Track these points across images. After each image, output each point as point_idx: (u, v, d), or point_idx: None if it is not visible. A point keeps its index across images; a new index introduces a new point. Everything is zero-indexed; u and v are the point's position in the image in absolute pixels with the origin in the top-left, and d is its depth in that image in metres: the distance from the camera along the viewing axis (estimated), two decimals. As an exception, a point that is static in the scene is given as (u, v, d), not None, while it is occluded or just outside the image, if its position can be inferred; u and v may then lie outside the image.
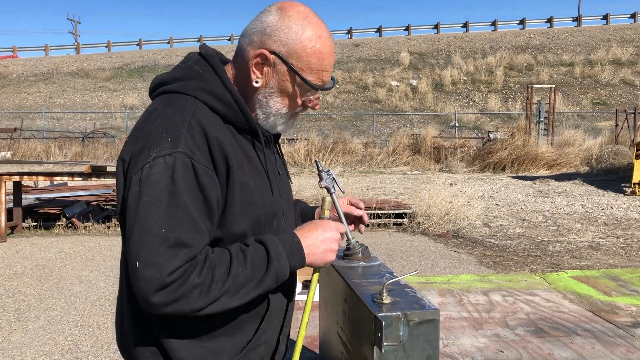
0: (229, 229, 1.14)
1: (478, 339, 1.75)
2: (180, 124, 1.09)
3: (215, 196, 1.09)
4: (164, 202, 1.03)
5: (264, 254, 1.11)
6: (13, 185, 7.83)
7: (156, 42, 38.88)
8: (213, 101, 1.16)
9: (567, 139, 17.96)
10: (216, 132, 1.12)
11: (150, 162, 1.05)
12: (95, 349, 3.71)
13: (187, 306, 1.02)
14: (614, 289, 2.29)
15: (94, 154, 19.28)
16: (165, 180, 1.04)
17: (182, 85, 1.18)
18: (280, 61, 1.16)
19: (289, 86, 1.19)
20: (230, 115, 1.17)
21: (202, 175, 1.07)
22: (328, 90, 1.20)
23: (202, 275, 1.02)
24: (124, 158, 1.13)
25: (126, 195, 1.08)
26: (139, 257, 1.01)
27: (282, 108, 1.22)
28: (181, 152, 1.06)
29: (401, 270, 5.56)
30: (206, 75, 1.18)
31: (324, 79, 1.20)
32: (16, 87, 29.74)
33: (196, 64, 1.21)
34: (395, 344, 1.06)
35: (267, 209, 1.21)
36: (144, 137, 1.10)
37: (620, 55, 29.50)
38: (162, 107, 1.15)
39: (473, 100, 26.98)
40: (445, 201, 8.40)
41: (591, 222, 8.23)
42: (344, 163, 17.28)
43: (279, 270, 1.12)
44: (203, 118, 1.12)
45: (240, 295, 1.08)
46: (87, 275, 5.54)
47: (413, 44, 33.68)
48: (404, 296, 1.16)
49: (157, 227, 1.02)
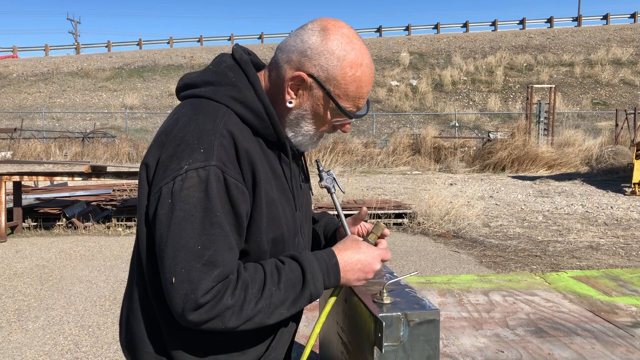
0: (254, 244, 1.12)
1: (478, 339, 1.75)
2: (212, 133, 1.05)
3: (245, 210, 1.07)
4: (198, 218, 1.01)
5: (300, 274, 1.08)
6: (13, 185, 7.83)
7: (156, 42, 38.90)
8: (245, 111, 1.12)
9: (567, 139, 17.96)
10: (245, 144, 1.08)
11: (182, 175, 1.02)
12: (95, 349, 3.71)
13: (219, 324, 1.02)
14: (614, 289, 2.29)
15: (94, 154, 19.28)
16: (199, 195, 1.02)
17: (214, 91, 1.13)
18: (317, 85, 1.13)
19: (322, 110, 1.16)
20: (261, 127, 1.14)
21: (234, 189, 1.04)
22: (360, 118, 1.19)
23: (234, 295, 1.01)
24: (148, 164, 1.10)
25: (155, 205, 1.05)
26: (175, 273, 1.00)
27: (311, 130, 1.19)
28: (215, 165, 1.03)
29: (401, 270, 5.56)
30: (240, 84, 1.14)
31: (359, 105, 1.17)
32: (16, 87, 29.74)
33: (230, 69, 1.16)
34: (395, 344, 1.06)
35: (290, 226, 1.18)
36: (173, 144, 1.06)
37: (620, 55, 29.50)
38: (192, 112, 1.10)
39: (473, 100, 26.98)
40: (445, 201, 8.40)
41: (591, 222, 8.24)
42: (344, 163, 17.29)
43: (313, 291, 1.09)
44: (234, 128, 1.08)
45: (275, 316, 1.06)
46: (87, 275, 5.54)
47: (413, 44, 33.69)
48: (404, 296, 1.16)
49: (193, 244, 1.00)
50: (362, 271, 1.15)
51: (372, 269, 1.16)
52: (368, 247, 1.18)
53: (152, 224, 1.07)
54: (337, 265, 1.13)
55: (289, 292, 1.06)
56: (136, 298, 1.18)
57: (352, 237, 1.21)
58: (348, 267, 1.14)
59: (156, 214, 1.04)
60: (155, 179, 1.07)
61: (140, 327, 1.16)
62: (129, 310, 1.21)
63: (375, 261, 1.16)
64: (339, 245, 1.17)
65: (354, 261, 1.14)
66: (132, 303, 1.19)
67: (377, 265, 1.17)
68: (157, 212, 1.04)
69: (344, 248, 1.16)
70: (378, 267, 1.18)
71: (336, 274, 1.12)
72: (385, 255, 1.19)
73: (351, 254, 1.15)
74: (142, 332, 1.16)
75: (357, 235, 1.35)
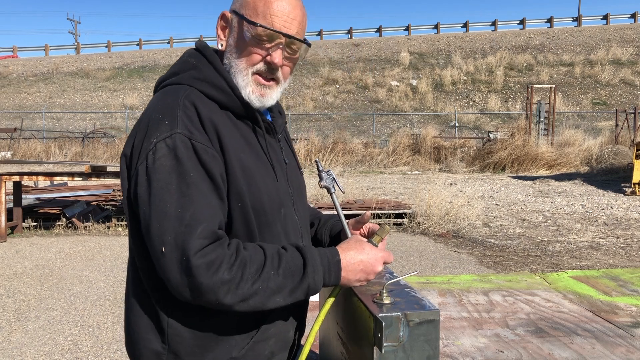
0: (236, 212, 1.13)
1: (478, 339, 1.75)
2: (175, 106, 1.11)
3: (218, 172, 1.09)
4: (175, 184, 1.04)
5: (301, 264, 1.08)
6: (13, 185, 7.83)
7: (156, 42, 38.92)
8: (208, 88, 1.17)
9: (567, 139, 17.96)
10: (209, 114, 1.13)
11: (152, 149, 1.06)
12: (95, 349, 3.71)
13: (214, 298, 1.02)
14: (614, 289, 2.29)
15: (94, 154, 19.28)
16: (171, 162, 1.05)
17: (178, 78, 1.20)
18: (235, 15, 1.20)
19: (242, 37, 1.18)
20: (227, 100, 1.18)
21: (203, 153, 1.08)
22: (288, 38, 1.16)
23: (232, 271, 1.01)
24: (126, 154, 1.13)
25: (135, 186, 1.08)
26: (163, 242, 1.01)
27: (241, 65, 1.19)
28: (180, 132, 1.07)
29: (401, 270, 5.56)
30: (200, 65, 1.20)
31: (274, 23, 1.15)
32: (16, 87, 29.74)
33: (190, 56, 1.23)
34: (395, 344, 1.06)
35: (272, 195, 1.18)
36: (143, 127, 1.11)
37: (620, 55, 29.50)
38: (157, 98, 1.17)
39: (473, 100, 26.98)
40: (445, 201, 8.40)
41: (591, 222, 8.23)
42: (344, 163, 17.28)
43: (312, 285, 1.09)
44: (197, 100, 1.13)
45: (271, 302, 1.06)
46: (87, 275, 5.54)
47: (413, 44, 33.68)
48: (404, 296, 1.16)
49: (174, 209, 1.02)
50: (364, 272, 1.15)
51: (373, 271, 1.16)
52: (371, 249, 1.17)
53: (135, 205, 1.09)
54: (339, 263, 1.13)
55: (287, 280, 1.06)
56: (132, 293, 1.19)
57: (356, 238, 1.21)
58: (350, 266, 1.14)
59: (137, 194, 1.07)
60: (132, 163, 1.11)
61: (137, 321, 1.17)
62: (127, 307, 1.22)
63: (377, 263, 1.16)
64: (343, 245, 1.17)
65: (357, 261, 1.14)
66: (129, 299, 1.21)
67: (379, 267, 1.17)
68: (138, 191, 1.07)
69: (347, 248, 1.16)
70: (380, 269, 1.17)
71: (337, 272, 1.12)
72: (387, 258, 1.19)
73: (354, 254, 1.15)
74: (140, 327, 1.17)
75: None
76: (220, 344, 1.15)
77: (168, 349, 1.14)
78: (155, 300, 1.14)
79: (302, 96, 27.42)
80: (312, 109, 26.21)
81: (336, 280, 1.13)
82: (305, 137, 19.28)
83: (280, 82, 1.23)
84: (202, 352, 1.14)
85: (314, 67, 30.48)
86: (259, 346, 1.19)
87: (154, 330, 1.15)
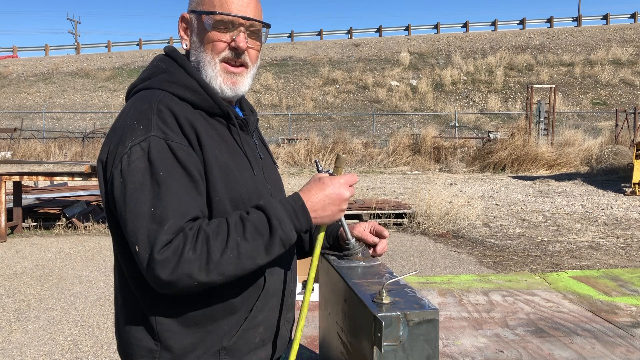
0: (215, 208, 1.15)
1: (478, 339, 1.75)
2: (149, 111, 1.13)
3: (196, 168, 1.11)
4: (148, 185, 1.06)
5: (265, 221, 1.09)
6: (13, 185, 7.83)
7: (156, 42, 38.88)
8: (180, 90, 1.19)
9: (567, 139, 17.96)
10: (185, 114, 1.15)
11: (127, 152, 1.08)
12: (95, 349, 3.71)
13: (189, 281, 1.02)
14: (614, 289, 2.29)
15: (94, 154, 19.28)
16: (144, 164, 1.07)
17: (150, 83, 1.22)
18: (193, 14, 1.24)
19: (204, 30, 1.22)
20: (199, 101, 1.20)
21: (179, 151, 1.10)
22: (248, 21, 1.21)
23: (196, 249, 1.02)
24: (101, 159, 1.15)
25: (111, 189, 1.10)
26: (137, 241, 1.03)
27: (206, 55, 1.23)
28: (154, 135, 1.09)
29: (401, 270, 5.56)
30: (171, 69, 1.22)
31: (232, 10, 1.21)
32: (16, 87, 29.74)
33: (160, 61, 1.26)
34: (395, 344, 1.06)
35: (250, 187, 1.21)
36: (118, 133, 1.13)
37: (620, 55, 29.50)
38: (130, 104, 1.19)
39: (473, 100, 26.98)
40: (445, 201, 8.40)
41: (591, 222, 8.23)
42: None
43: (283, 236, 1.10)
44: (171, 103, 1.15)
45: (248, 265, 1.07)
46: (87, 275, 5.54)
47: (413, 44, 33.68)
48: (404, 296, 1.16)
49: (147, 209, 1.04)
50: (333, 204, 1.16)
51: (342, 199, 1.17)
52: (331, 180, 1.17)
53: (113, 208, 1.11)
54: (304, 206, 1.13)
55: (257, 241, 1.07)
56: (120, 295, 1.22)
57: (315, 177, 1.21)
58: (317, 205, 1.15)
59: (114, 196, 1.09)
60: (108, 167, 1.12)
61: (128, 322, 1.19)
62: (116, 311, 1.25)
63: (342, 189, 1.17)
64: (304, 188, 1.18)
65: (321, 198, 1.15)
66: (118, 302, 1.24)
67: (346, 193, 1.17)
68: (114, 194, 1.09)
69: (308, 189, 1.17)
70: (347, 194, 1.18)
71: (305, 215, 1.13)
72: (350, 179, 1.19)
73: (316, 192, 1.16)
74: (131, 327, 1.19)
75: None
76: (211, 334, 1.16)
77: (160, 346, 1.15)
78: (141, 298, 1.16)
79: (302, 96, 27.42)
80: (312, 109, 26.21)
81: (307, 223, 1.14)
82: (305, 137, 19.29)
83: (249, 67, 1.27)
84: (193, 345, 1.15)
85: (314, 67, 30.48)
86: (248, 334, 1.20)
87: (144, 329, 1.17)
